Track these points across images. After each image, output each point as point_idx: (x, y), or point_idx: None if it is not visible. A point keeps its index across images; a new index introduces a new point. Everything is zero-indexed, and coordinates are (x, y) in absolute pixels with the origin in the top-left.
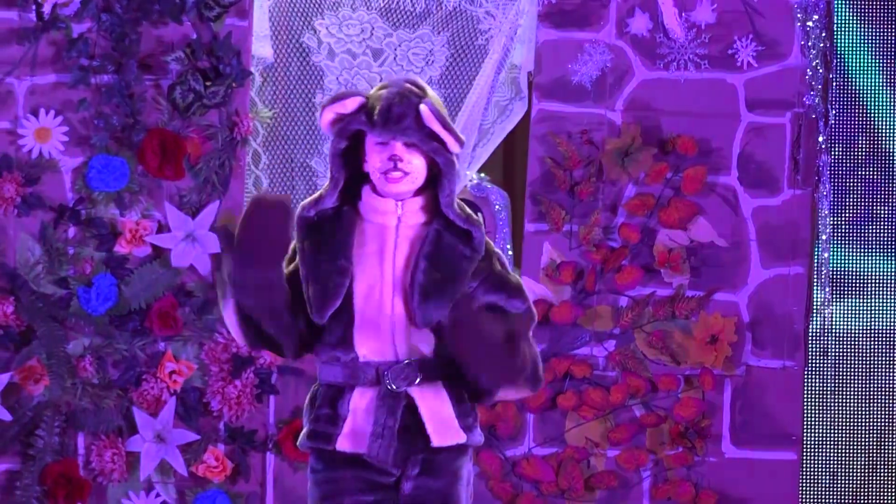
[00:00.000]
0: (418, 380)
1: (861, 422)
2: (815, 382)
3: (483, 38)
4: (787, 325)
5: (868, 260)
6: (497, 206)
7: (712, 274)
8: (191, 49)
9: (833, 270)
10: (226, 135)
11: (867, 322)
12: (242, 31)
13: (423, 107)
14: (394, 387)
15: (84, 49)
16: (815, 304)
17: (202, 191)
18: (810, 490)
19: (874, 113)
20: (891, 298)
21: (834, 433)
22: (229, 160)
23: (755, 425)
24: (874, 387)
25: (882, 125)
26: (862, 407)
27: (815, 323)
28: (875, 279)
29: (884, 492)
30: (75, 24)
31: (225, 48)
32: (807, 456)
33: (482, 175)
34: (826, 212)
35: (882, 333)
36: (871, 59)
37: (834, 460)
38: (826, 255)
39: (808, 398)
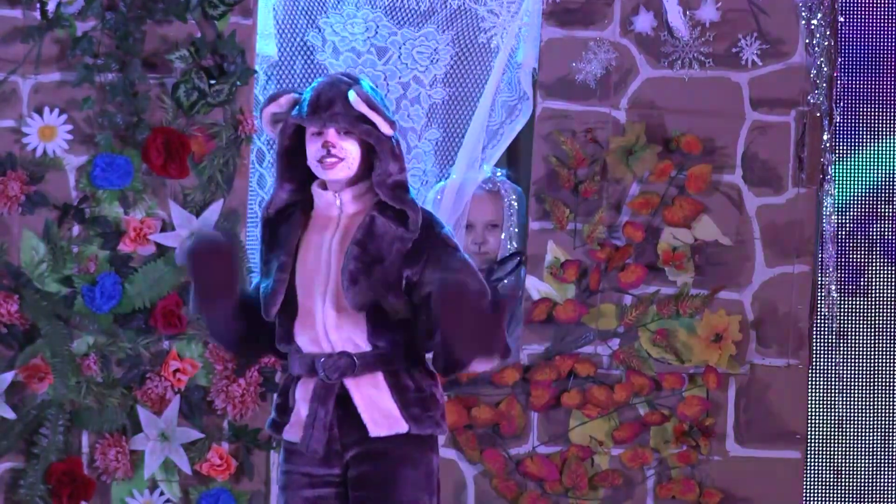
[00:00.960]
0: (354, 370)
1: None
2: (819, 382)
3: (486, 36)
4: (791, 324)
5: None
6: (511, 200)
7: (717, 272)
8: (195, 47)
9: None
10: (230, 133)
11: (871, 320)
12: (247, 29)
13: (351, 92)
14: (326, 378)
15: (88, 47)
16: (819, 302)
17: (206, 189)
18: (814, 488)
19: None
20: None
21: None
22: (233, 158)
23: (759, 424)
24: (874, 379)
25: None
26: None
27: (819, 321)
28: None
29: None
30: (79, 22)
31: (229, 46)
32: (810, 455)
33: (497, 169)
34: (830, 210)
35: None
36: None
37: (836, 462)
38: (831, 252)
39: (812, 396)
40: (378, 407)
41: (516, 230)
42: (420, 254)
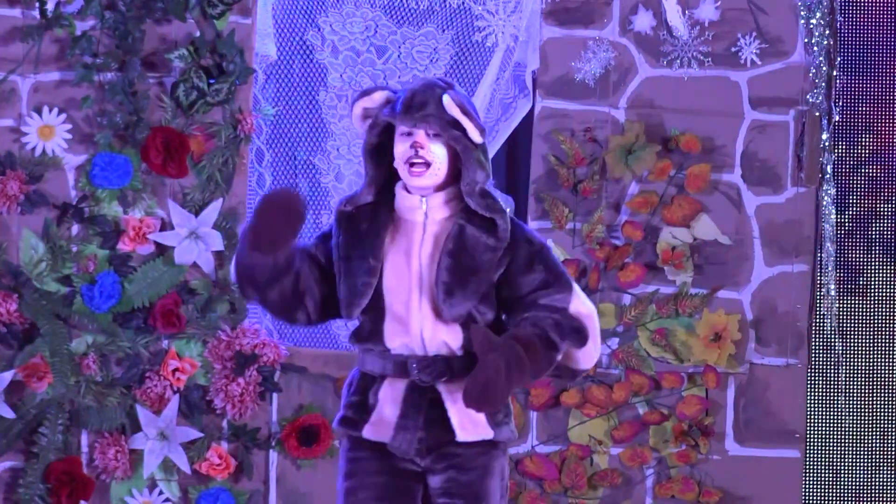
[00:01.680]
0: (446, 376)
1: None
2: (819, 379)
3: (481, 35)
4: (790, 323)
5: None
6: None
7: (716, 272)
8: (194, 47)
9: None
10: (229, 132)
11: (870, 318)
12: (246, 28)
13: (446, 96)
14: (420, 380)
15: (88, 47)
16: (817, 301)
17: (205, 188)
18: (813, 487)
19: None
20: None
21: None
22: (233, 158)
23: (758, 423)
24: (877, 381)
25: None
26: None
27: (818, 320)
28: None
29: (885, 488)
30: (79, 21)
31: (228, 46)
32: (810, 452)
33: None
34: (830, 209)
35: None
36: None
37: (837, 458)
38: (830, 252)
39: (811, 394)
40: (468, 412)
41: None
42: (508, 259)
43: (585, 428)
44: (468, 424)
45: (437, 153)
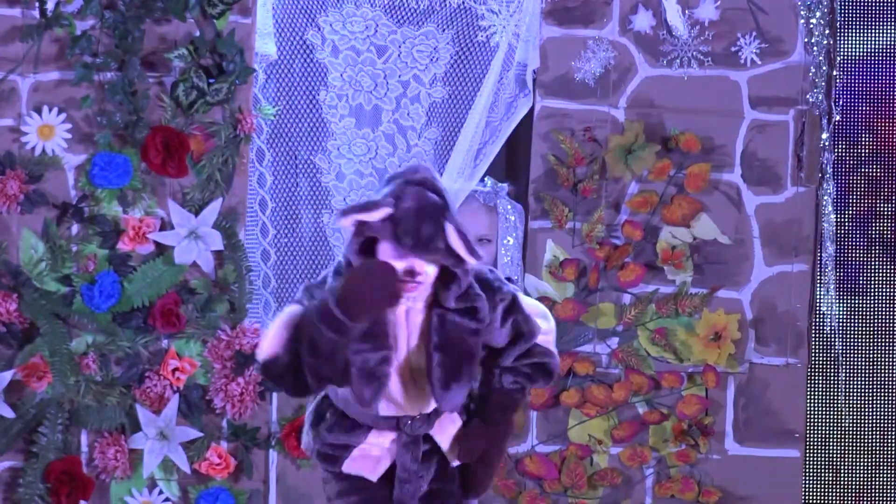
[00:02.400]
0: (435, 422)
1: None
2: (819, 379)
3: (485, 35)
4: (790, 323)
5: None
6: (508, 216)
7: (715, 271)
8: (194, 46)
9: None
10: (229, 132)
11: (870, 317)
12: (246, 28)
13: (449, 229)
14: (414, 433)
15: (87, 46)
16: (817, 301)
17: (205, 188)
18: (813, 487)
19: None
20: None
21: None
22: (233, 157)
23: (758, 422)
24: (877, 382)
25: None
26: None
27: (818, 320)
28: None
29: (886, 486)
30: (78, 21)
31: (228, 45)
32: (810, 452)
33: (498, 183)
34: (830, 209)
35: (885, 328)
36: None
37: (837, 457)
38: (830, 251)
39: (810, 394)
40: (453, 438)
41: (513, 244)
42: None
43: (585, 427)
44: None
45: (429, 272)
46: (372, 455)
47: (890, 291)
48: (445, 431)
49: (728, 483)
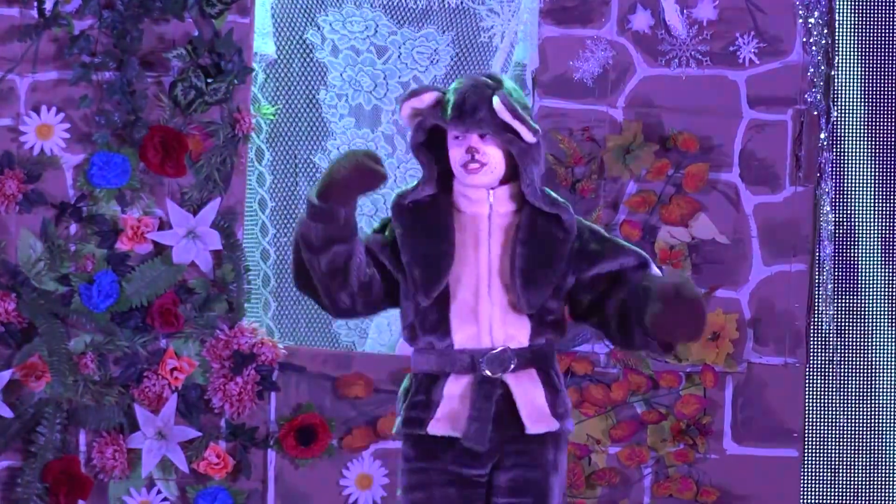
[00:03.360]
0: (513, 366)
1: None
2: (817, 379)
3: (486, 36)
4: (788, 322)
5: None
6: None
7: (714, 271)
8: (192, 46)
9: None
10: (227, 132)
11: (870, 317)
12: (244, 27)
13: (495, 99)
14: (489, 373)
15: (86, 46)
16: (816, 300)
17: (204, 188)
18: (812, 486)
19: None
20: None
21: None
22: (231, 157)
23: (757, 422)
24: (881, 383)
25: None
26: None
27: (816, 319)
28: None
29: (887, 486)
30: (77, 20)
31: (227, 45)
32: (809, 452)
33: None
34: (828, 209)
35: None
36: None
37: (836, 457)
38: (829, 251)
39: (809, 394)
40: (535, 404)
41: None
42: (581, 254)
43: (583, 427)
44: (535, 415)
45: (493, 154)
46: (454, 410)
47: (890, 291)
48: (524, 390)
49: (726, 483)
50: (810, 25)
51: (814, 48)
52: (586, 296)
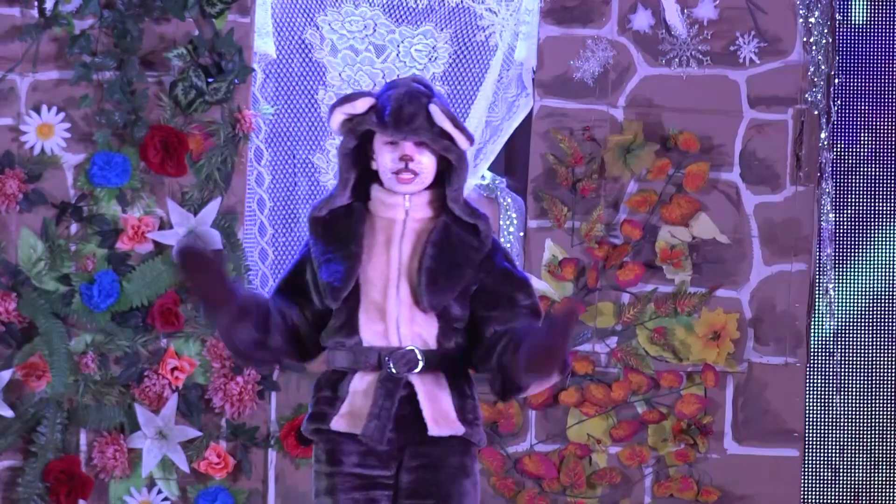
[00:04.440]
0: (419, 367)
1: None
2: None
3: (484, 35)
4: (789, 322)
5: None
6: (507, 207)
7: (714, 270)
8: (193, 46)
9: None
10: (228, 131)
11: (869, 318)
12: (244, 27)
13: (433, 106)
14: (394, 371)
15: (86, 46)
16: (816, 300)
17: (204, 187)
18: (812, 486)
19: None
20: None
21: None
22: (231, 157)
23: (757, 422)
24: (880, 382)
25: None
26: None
27: (816, 319)
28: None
29: (887, 486)
30: (77, 20)
31: (227, 45)
32: (809, 452)
33: (497, 177)
34: (828, 208)
35: (886, 328)
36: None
37: (837, 456)
38: (829, 251)
39: (809, 394)
40: (440, 407)
41: (513, 237)
42: (486, 266)
43: (584, 427)
44: (440, 418)
45: (426, 162)
46: (357, 407)
47: (890, 291)
48: (429, 391)
49: (727, 482)
50: (810, 25)
51: (814, 48)
52: (475, 310)
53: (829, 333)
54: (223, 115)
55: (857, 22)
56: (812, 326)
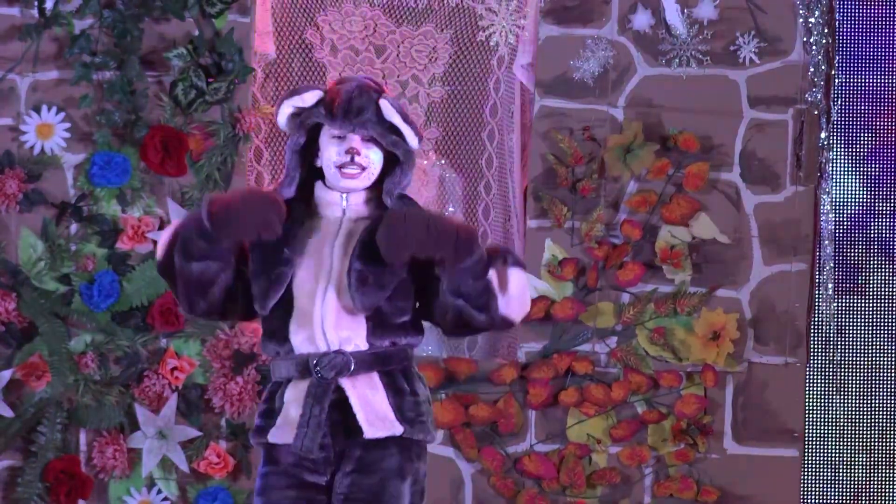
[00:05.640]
0: (351, 369)
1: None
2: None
3: (484, 35)
4: (789, 322)
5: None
6: (451, 183)
7: (714, 270)
8: (193, 45)
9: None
10: (228, 131)
11: (869, 318)
12: (245, 27)
13: (383, 100)
14: (323, 376)
15: (86, 45)
16: (816, 300)
17: (204, 187)
18: (812, 486)
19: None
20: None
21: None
22: (231, 156)
23: (757, 422)
24: (881, 383)
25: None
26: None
27: (816, 319)
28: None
29: (888, 486)
30: (77, 20)
31: (227, 45)
32: (809, 452)
33: (441, 161)
34: (828, 208)
35: (886, 330)
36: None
37: (836, 457)
38: (829, 251)
39: (809, 394)
40: (374, 408)
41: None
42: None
43: (584, 427)
44: (375, 419)
45: (373, 158)
46: (290, 417)
47: (889, 291)
48: (361, 394)
49: (727, 482)
50: (810, 25)
51: (814, 48)
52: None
53: (830, 333)
54: (223, 115)
55: (857, 22)
56: (812, 326)
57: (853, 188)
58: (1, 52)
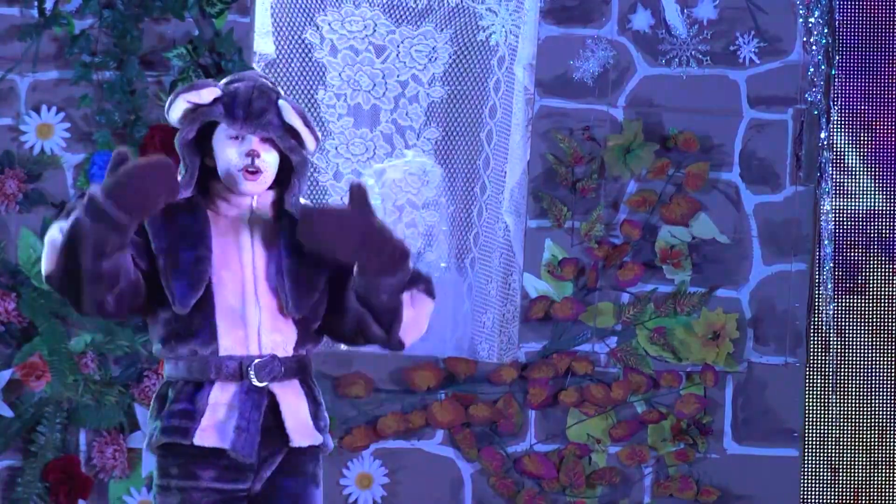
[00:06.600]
0: (280, 375)
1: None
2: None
3: (484, 35)
4: (788, 322)
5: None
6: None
7: (714, 270)
8: (193, 45)
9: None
10: None
11: (869, 318)
12: (244, 27)
13: (282, 102)
14: (257, 382)
15: (86, 45)
16: (816, 300)
17: None
18: (812, 486)
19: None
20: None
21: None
22: None
23: (757, 422)
24: (881, 383)
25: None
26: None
27: (816, 319)
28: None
29: (886, 489)
30: (77, 20)
31: (227, 44)
32: (808, 452)
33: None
34: (828, 208)
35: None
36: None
37: (836, 457)
38: (829, 251)
39: (809, 394)
40: (299, 416)
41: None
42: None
43: (584, 426)
44: (301, 428)
45: (270, 161)
46: (220, 420)
47: (889, 291)
48: (290, 402)
49: (726, 482)
50: (810, 25)
51: (814, 48)
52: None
53: (830, 333)
54: None
55: (857, 22)
56: (812, 326)
57: (853, 188)
58: (1, 52)
